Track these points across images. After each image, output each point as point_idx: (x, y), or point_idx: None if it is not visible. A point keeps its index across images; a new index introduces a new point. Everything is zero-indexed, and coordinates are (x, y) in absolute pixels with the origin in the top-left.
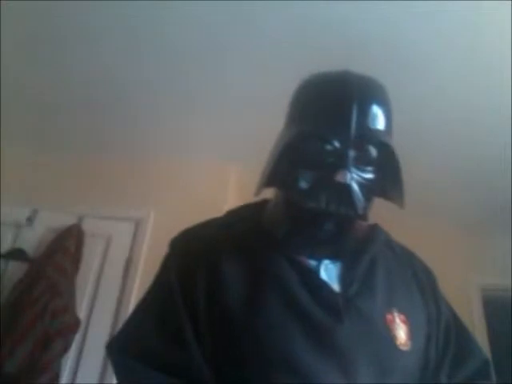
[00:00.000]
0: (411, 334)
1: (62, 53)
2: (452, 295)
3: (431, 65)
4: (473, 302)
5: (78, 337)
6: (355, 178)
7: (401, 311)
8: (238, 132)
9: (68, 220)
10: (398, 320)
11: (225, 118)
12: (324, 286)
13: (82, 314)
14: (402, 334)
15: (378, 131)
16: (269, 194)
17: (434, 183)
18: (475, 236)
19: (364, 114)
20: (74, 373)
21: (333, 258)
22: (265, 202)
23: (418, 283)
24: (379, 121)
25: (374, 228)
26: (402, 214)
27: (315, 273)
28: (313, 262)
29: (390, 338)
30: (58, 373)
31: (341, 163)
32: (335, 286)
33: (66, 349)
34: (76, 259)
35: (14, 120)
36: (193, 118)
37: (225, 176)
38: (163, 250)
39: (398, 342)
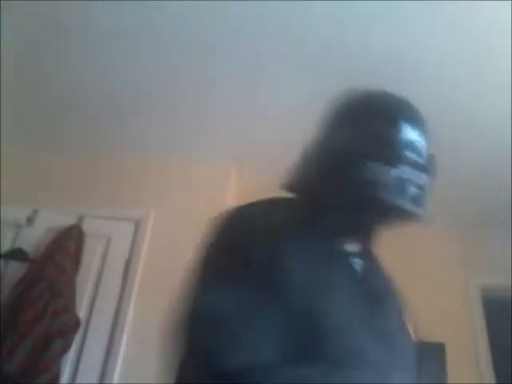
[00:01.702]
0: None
1: (62, 53)
2: (452, 295)
3: (431, 68)
4: (473, 302)
5: (77, 337)
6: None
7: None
8: (238, 132)
9: (68, 220)
10: (406, 315)
11: (225, 118)
12: (368, 279)
13: (81, 313)
14: (410, 327)
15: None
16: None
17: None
18: (475, 236)
19: (427, 136)
20: (74, 373)
21: (361, 256)
22: (291, 198)
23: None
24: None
25: None
26: None
27: (356, 267)
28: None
29: (408, 328)
30: (58, 373)
31: (423, 169)
32: None
33: (66, 349)
34: (76, 259)
35: (14, 120)
36: (193, 119)
37: (225, 176)
38: (163, 250)
39: (412, 333)
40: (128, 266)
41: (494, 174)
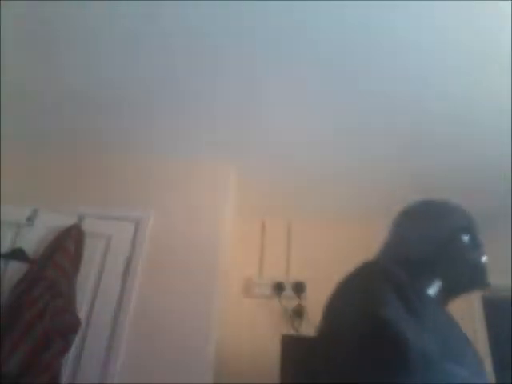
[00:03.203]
0: None
1: (62, 53)
2: None
3: (431, 65)
4: (473, 302)
5: (78, 337)
6: None
7: None
8: (238, 132)
9: (68, 220)
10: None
11: (225, 118)
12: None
13: (81, 314)
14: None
15: None
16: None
17: (433, 184)
18: None
19: None
20: (74, 373)
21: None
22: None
23: None
24: None
25: None
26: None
27: None
28: None
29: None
30: (58, 373)
31: None
32: None
33: (66, 349)
34: (76, 259)
35: (14, 120)
36: (193, 118)
37: (225, 176)
38: (163, 250)
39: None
40: (128, 266)
41: (494, 174)
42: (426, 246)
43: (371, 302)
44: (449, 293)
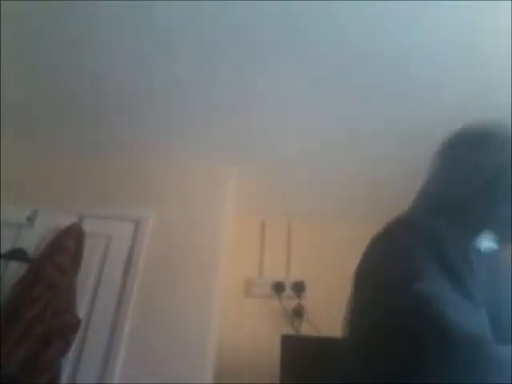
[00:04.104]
0: None
1: (62, 53)
2: None
3: (431, 65)
4: None
5: (77, 337)
6: None
7: None
8: (238, 132)
9: (68, 220)
10: None
11: (225, 118)
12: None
13: (81, 313)
14: None
15: None
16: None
17: None
18: None
19: None
20: (74, 373)
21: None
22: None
23: None
24: None
25: None
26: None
27: None
28: None
29: None
30: (58, 373)
31: None
32: None
33: (66, 349)
34: (76, 259)
35: (14, 120)
36: (193, 119)
37: (225, 176)
38: (163, 250)
39: None
40: (128, 266)
41: None
42: (474, 184)
43: (405, 274)
44: (502, 240)
